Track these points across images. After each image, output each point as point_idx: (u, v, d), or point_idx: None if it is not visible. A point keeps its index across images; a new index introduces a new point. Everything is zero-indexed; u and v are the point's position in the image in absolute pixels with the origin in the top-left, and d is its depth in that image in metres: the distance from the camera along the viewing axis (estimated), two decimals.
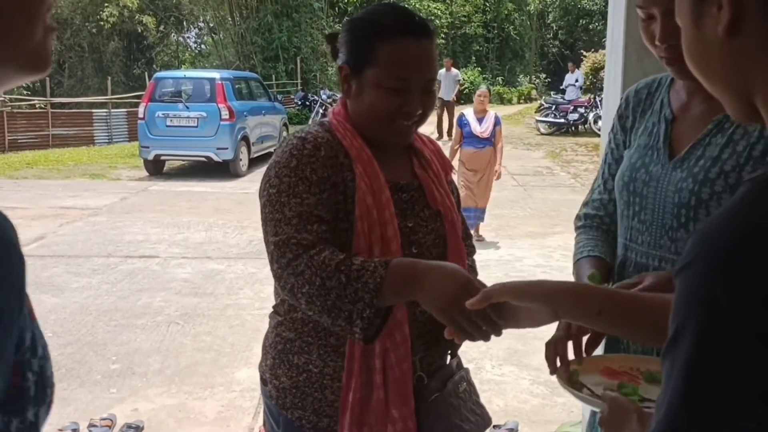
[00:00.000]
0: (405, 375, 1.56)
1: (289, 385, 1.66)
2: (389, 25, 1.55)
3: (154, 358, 4.91)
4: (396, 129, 1.58)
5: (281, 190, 1.51)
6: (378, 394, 1.56)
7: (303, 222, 1.47)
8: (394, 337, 1.55)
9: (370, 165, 1.56)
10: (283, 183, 1.52)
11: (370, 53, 1.55)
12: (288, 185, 1.51)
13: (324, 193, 1.51)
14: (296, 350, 1.64)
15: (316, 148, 1.54)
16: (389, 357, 1.55)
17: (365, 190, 1.53)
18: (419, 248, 1.61)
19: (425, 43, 1.56)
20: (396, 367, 1.55)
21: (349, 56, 1.59)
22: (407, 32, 1.54)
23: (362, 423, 1.57)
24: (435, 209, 1.65)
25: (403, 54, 1.54)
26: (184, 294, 6.29)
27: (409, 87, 1.54)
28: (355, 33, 1.60)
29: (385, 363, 1.56)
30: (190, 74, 15.96)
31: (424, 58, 1.56)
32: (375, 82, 1.55)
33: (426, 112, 1.60)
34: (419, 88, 1.56)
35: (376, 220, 1.53)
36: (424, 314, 1.60)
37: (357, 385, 1.57)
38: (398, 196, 1.61)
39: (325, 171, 1.52)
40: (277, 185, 1.52)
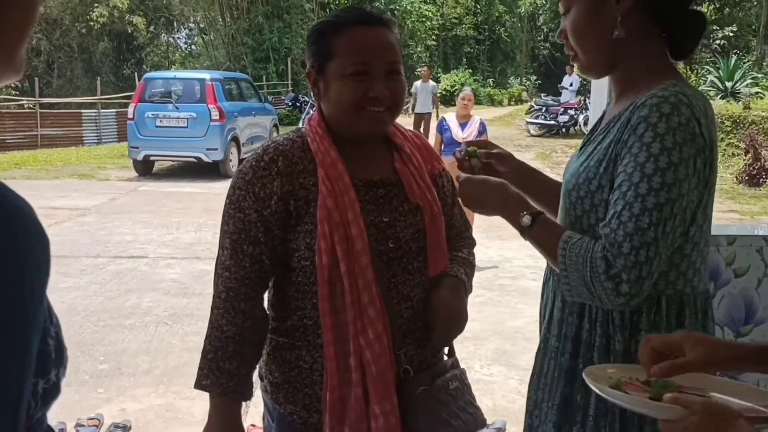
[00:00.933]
0: (384, 371, 1.57)
1: (282, 380, 1.69)
2: (341, 19, 1.62)
3: (142, 359, 4.89)
4: (367, 117, 1.59)
5: (232, 201, 1.62)
6: (356, 391, 1.57)
7: (237, 246, 1.61)
8: (367, 334, 1.56)
9: (333, 168, 1.59)
10: (234, 194, 1.62)
11: (328, 48, 1.60)
12: (237, 198, 1.61)
13: (268, 209, 1.58)
14: (288, 347, 1.68)
15: (273, 160, 1.60)
16: (364, 355, 1.57)
17: (326, 194, 1.56)
18: (397, 242, 1.62)
19: (379, 29, 1.61)
20: (373, 365, 1.56)
21: (311, 60, 1.65)
22: (359, 22, 1.60)
23: (343, 421, 1.59)
24: (414, 203, 1.66)
25: (357, 40, 1.58)
26: (173, 294, 6.27)
27: (370, 71, 1.57)
28: (314, 36, 1.65)
29: (362, 361, 1.57)
30: (180, 75, 15.93)
31: (381, 42, 1.60)
32: (337, 73, 1.58)
33: (395, 97, 1.60)
34: (381, 71, 1.58)
35: (338, 222, 1.56)
36: (410, 310, 1.63)
37: (334, 383, 1.58)
38: (373, 192, 1.64)
39: (276, 184, 1.58)
40: (230, 195, 1.63)
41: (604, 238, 1.35)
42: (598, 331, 1.47)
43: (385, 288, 1.59)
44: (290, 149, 1.62)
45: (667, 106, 1.34)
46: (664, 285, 1.43)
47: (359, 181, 1.62)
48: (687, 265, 1.44)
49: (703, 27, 1.47)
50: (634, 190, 1.34)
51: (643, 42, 1.46)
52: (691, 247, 1.43)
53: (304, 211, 1.59)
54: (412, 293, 1.63)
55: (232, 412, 1.65)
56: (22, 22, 0.80)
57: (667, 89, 1.37)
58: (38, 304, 0.72)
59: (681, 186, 1.33)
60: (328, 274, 1.56)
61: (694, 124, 1.34)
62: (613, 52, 1.48)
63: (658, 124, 1.33)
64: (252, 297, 1.63)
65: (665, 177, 1.33)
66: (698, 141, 1.35)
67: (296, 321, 1.65)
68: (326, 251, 1.56)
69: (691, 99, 1.36)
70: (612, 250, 1.34)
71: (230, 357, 1.61)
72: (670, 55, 1.49)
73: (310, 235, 1.58)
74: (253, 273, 1.62)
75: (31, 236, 0.71)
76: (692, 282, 1.45)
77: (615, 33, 1.45)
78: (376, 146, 1.70)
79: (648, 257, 1.33)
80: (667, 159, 1.33)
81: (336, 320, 1.57)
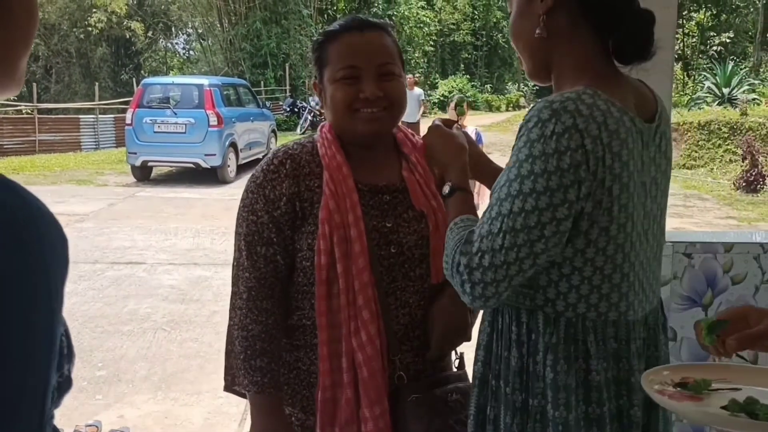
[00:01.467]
0: (375, 374, 1.58)
1: (282, 382, 1.70)
2: (337, 27, 1.67)
3: (140, 365, 4.89)
4: (362, 118, 1.61)
5: (245, 205, 1.67)
6: (346, 393, 1.59)
7: (252, 248, 1.64)
8: (359, 336, 1.58)
9: (337, 171, 1.62)
10: (247, 198, 1.67)
11: (324, 56, 1.65)
12: (250, 201, 1.66)
13: (278, 210, 1.62)
14: (287, 348, 1.70)
15: (282, 163, 1.64)
16: (356, 357, 1.58)
17: (329, 195, 1.60)
18: (399, 248, 1.63)
19: (372, 34, 1.64)
20: (364, 367, 1.57)
21: (314, 70, 1.71)
22: (352, 29, 1.64)
23: (333, 422, 1.61)
24: (419, 210, 1.67)
25: (348, 45, 1.62)
26: (171, 300, 6.27)
27: (360, 74, 1.60)
28: (314, 47, 1.71)
29: (354, 362, 1.58)
30: (178, 80, 15.96)
31: (372, 45, 1.62)
32: (330, 78, 1.62)
33: (391, 97, 1.62)
34: (373, 73, 1.60)
35: (339, 223, 1.59)
36: (408, 317, 1.63)
37: (326, 384, 1.60)
38: (378, 197, 1.66)
39: (284, 186, 1.62)
40: (243, 199, 1.68)
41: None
42: (502, 343, 1.42)
43: (383, 292, 1.60)
44: (299, 153, 1.67)
45: (547, 111, 1.25)
46: (564, 306, 1.35)
47: (364, 186, 1.64)
48: (589, 289, 1.34)
49: (650, 27, 1.34)
50: (497, 192, 1.31)
51: (571, 42, 1.37)
52: (592, 270, 1.32)
53: (309, 213, 1.62)
54: (411, 300, 1.64)
55: (274, 408, 1.67)
56: (24, 34, 0.81)
57: (564, 94, 1.27)
58: (61, 301, 0.75)
59: (539, 198, 1.25)
60: (326, 274, 1.58)
61: (575, 134, 1.23)
62: (541, 53, 1.41)
63: (533, 129, 1.26)
64: (271, 295, 1.66)
65: (523, 185, 1.26)
66: (575, 154, 1.23)
67: (295, 321, 1.67)
68: (325, 251, 1.58)
69: (581, 107, 1.25)
70: (465, 247, 1.33)
71: (260, 355, 1.64)
72: (616, 59, 1.37)
73: (311, 235, 1.61)
74: (268, 273, 1.64)
75: (54, 235, 0.73)
76: (597, 307, 1.35)
77: (536, 32, 1.38)
78: (384, 153, 1.72)
79: (492, 263, 1.28)
80: (529, 167, 1.25)
81: (331, 320, 1.59)
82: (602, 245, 1.32)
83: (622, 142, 1.28)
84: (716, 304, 2.48)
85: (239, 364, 1.66)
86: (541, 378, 1.36)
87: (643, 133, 1.35)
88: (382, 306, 1.60)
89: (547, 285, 1.36)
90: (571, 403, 1.34)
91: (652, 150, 1.38)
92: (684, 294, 2.47)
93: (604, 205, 1.29)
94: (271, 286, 1.65)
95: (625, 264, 1.35)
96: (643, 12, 1.36)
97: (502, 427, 1.41)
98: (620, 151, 1.28)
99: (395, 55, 1.65)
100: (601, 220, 1.30)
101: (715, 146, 15.68)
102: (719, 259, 2.47)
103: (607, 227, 1.30)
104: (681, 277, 2.46)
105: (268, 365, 1.65)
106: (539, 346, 1.36)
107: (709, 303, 2.47)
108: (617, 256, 1.33)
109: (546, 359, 1.35)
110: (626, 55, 1.37)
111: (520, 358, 1.39)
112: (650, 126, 1.38)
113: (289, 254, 1.65)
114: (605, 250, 1.32)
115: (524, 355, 1.38)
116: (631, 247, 1.35)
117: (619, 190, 1.29)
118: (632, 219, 1.33)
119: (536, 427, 1.37)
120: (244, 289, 1.66)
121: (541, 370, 1.36)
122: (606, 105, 1.27)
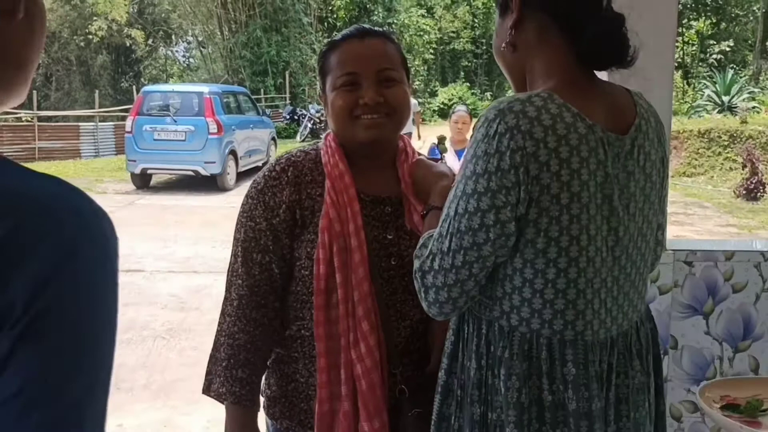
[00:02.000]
0: (374, 387, 1.55)
1: (279, 395, 1.69)
2: (339, 37, 1.67)
3: (139, 373, 4.88)
4: (362, 124, 1.59)
5: (244, 210, 1.66)
6: (344, 406, 1.56)
7: (247, 254, 1.64)
8: (359, 348, 1.55)
9: (339, 180, 1.60)
10: (247, 203, 1.66)
11: (325, 66, 1.65)
12: (249, 207, 1.65)
13: (277, 218, 1.61)
14: (286, 360, 1.68)
15: (284, 170, 1.64)
16: (355, 369, 1.55)
17: (329, 204, 1.58)
18: (399, 260, 1.61)
19: (371, 40, 1.63)
20: (363, 379, 1.54)
21: (319, 81, 1.71)
22: (352, 36, 1.64)
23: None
24: (409, 228, 1.63)
25: (347, 52, 1.62)
26: (171, 308, 6.25)
27: (360, 80, 1.59)
28: (318, 58, 1.72)
29: (353, 374, 1.55)
30: (178, 88, 15.97)
31: (371, 52, 1.61)
32: (331, 87, 1.62)
33: (391, 102, 1.60)
34: (372, 80, 1.59)
35: (339, 232, 1.57)
36: (409, 330, 1.61)
37: (324, 396, 1.57)
38: (380, 208, 1.64)
39: (285, 193, 1.61)
40: (243, 204, 1.67)
41: None
42: (465, 353, 1.39)
43: (383, 305, 1.58)
44: (302, 160, 1.66)
45: (493, 112, 1.24)
46: (518, 320, 1.30)
47: (367, 196, 1.63)
48: (541, 304, 1.28)
49: (618, 30, 1.31)
50: (450, 193, 1.31)
51: (541, 51, 1.35)
52: (543, 283, 1.27)
53: (309, 221, 1.61)
54: (412, 313, 1.61)
55: (249, 421, 1.66)
56: (40, 41, 0.82)
57: (515, 96, 1.26)
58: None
59: (480, 199, 1.23)
60: (324, 283, 1.56)
61: (516, 135, 1.20)
62: (516, 67, 1.40)
63: (480, 129, 1.25)
64: (263, 305, 1.64)
65: (467, 186, 1.25)
66: (515, 155, 1.20)
67: (294, 331, 1.65)
68: (324, 261, 1.56)
69: (528, 109, 1.22)
70: (419, 251, 1.35)
71: (243, 365, 1.63)
72: (587, 63, 1.34)
73: (311, 244, 1.59)
74: (262, 281, 1.63)
75: (114, 235, 0.74)
76: (551, 324, 1.29)
77: (502, 45, 1.39)
78: (387, 163, 1.70)
79: (441, 266, 1.28)
80: (472, 167, 1.24)
81: (329, 331, 1.57)
82: (552, 256, 1.26)
83: (572, 148, 1.23)
84: (717, 312, 2.48)
85: (220, 371, 1.65)
86: (499, 392, 1.32)
87: (610, 144, 1.29)
88: (382, 318, 1.57)
89: (502, 297, 1.32)
90: (523, 421, 1.29)
91: (628, 163, 1.33)
92: (685, 302, 2.46)
93: (551, 213, 1.23)
94: (263, 295, 1.63)
95: (580, 279, 1.28)
96: (611, 15, 1.33)
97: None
98: (569, 157, 1.22)
99: (397, 62, 1.64)
100: (550, 229, 1.24)
101: (715, 154, 15.69)
102: (720, 267, 2.46)
103: (556, 237, 1.25)
104: (682, 285, 2.45)
105: (249, 377, 1.63)
106: (495, 359, 1.33)
107: (710, 311, 2.47)
108: (570, 270, 1.27)
109: (500, 373, 1.31)
110: (597, 60, 1.33)
111: (479, 369, 1.35)
112: (622, 138, 1.31)
113: (286, 263, 1.63)
114: (557, 263, 1.26)
115: (483, 367, 1.34)
116: (588, 263, 1.28)
117: (568, 199, 1.23)
118: (587, 232, 1.26)
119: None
120: (236, 296, 1.65)
121: (499, 384, 1.32)
122: (558, 109, 1.23)
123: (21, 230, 0.66)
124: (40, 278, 0.65)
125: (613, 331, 1.35)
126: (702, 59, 28.77)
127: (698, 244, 2.68)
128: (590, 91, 1.34)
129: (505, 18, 1.40)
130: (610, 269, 1.32)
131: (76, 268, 0.68)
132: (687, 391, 2.50)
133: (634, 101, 1.39)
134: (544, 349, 1.30)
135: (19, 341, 0.64)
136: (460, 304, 1.31)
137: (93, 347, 0.69)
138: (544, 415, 1.30)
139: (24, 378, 0.64)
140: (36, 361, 0.65)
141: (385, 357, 1.58)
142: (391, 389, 1.59)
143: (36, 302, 0.64)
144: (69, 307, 0.67)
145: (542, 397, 1.30)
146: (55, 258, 0.66)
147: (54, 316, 0.65)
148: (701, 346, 2.49)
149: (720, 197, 13.51)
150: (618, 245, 1.33)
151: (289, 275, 1.64)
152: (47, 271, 0.65)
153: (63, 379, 0.66)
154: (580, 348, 1.30)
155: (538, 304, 1.29)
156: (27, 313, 0.64)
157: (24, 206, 0.67)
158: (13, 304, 0.64)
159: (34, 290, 0.64)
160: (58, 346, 0.66)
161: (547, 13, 1.34)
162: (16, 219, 0.66)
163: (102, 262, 0.71)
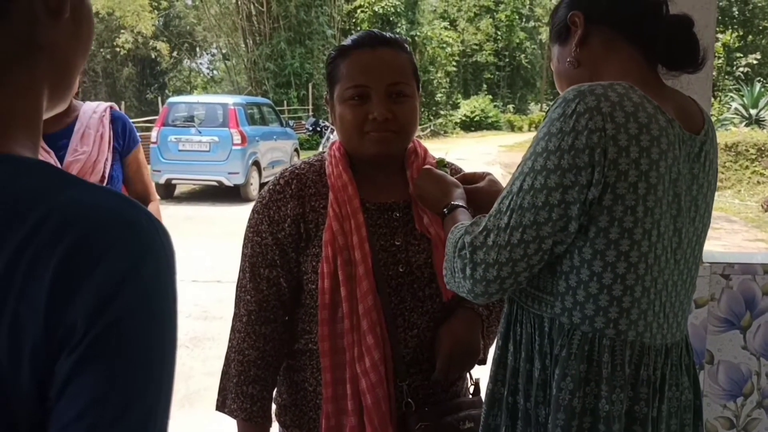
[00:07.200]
0: (379, 402, 1.51)
1: (290, 403, 1.67)
2: (349, 43, 1.61)
3: None
4: (371, 139, 1.55)
5: (250, 225, 1.64)
6: (350, 421, 1.52)
7: (255, 270, 1.62)
8: (363, 362, 1.51)
9: (342, 191, 1.57)
10: (253, 218, 1.64)
11: (335, 73, 1.59)
12: (255, 222, 1.63)
13: (282, 232, 1.58)
14: (295, 368, 1.66)
15: (287, 184, 1.61)
16: (360, 383, 1.51)
17: (332, 217, 1.55)
18: (407, 267, 1.57)
19: (384, 51, 1.57)
20: (369, 394, 1.51)
21: (326, 86, 1.65)
22: (364, 45, 1.58)
23: None
24: (421, 232, 1.60)
25: (358, 63, 1.56)
26: (194, 318, 6.26)
27: (369, 93, 1.54)
28: (327, 63, 1.65)
29: (358, 389, 1.52)
30: (203, 99, 16.08)
31: (382, 64, 1.56)
32: (339, 97, 1.57)
33: (400, 119, 1.55)
34: (382, 93, 1.54)
35: (342, 245, 1.53)
36: (416, 339, 1.57)
37: (330, 411, 1.54)
38: (387, 215, 1.60)
39: (289, 207, 1.59)
40: (249, 219, 1.65)
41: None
42: (521, 355, 1.33)
43: (391, 315, 1.54)
44: (306, 173, 1.63)
45: (573, 92, 1.20)
46: (580, 317, 1.24)
47: (372, 205, 1.59)
48: (608, 300, 1.22)
49: (688, 31, 1.29)
50: (516, 170, 1.25)
51: (609, 59, 1.32)
52: (612, 278, 1.21)
53: (314, 234, 1.58)
54: (420, 321, 1.57)
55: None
56: (86, 47, 0.81)
57: (598, 82, 1.23)
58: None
59: (549, 176, 1.18)
60: (329, 297, 1.53)
61: (596, 116, 1.16)
62: (579, 79, 1.33)
63: (556, 109, 1.21)
64: (272, 320, 1.61)
65: (536, 163, 1.20)
66: (593, 135, 1.16)
67: (302, 345, 1.63)
68: (328, 275, 1.53)
69: (610, 93, 1.18)
70: (471, 227, 1.27)
71: (253, 381, 1.61)
72: (663, 65, 1.33)
73: (316, 258, 1.56)
74: (270, 296, 1.60)
75: (172, 249, 0.72)
76: (617, 324, 1.23)
77: (567, 61, 1.36)
78: (394, 169, 1.66)
79: (495, 242, 1.21)
80: (544, 144, 1.20)
81: (334, 346, 1.54)
82: (624, 249, 1.20)
83: (653, 138, 1.18)
84: (755, 326, 2.42)
85: (231, 387, 1.62)
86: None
87: (684, 142, 1.25)
88: (389, 329, 1.53)
89: (564, 292, 1.25)
90: (572, 428, 1.23)
91: (695, 166, 1.29)
92: (721, 316, 2.40)
93: (627, 202, 1.18)
94: (272, 309, 1.61)
95: (646, 277, 1.22)
96: (678, 17, 1.31)
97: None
98: (650, 147, 1.18)
99: (408, 74, 1.58)
100: (625, 219, 1.18)
101: (743, 168, 15.50)
102: (758, 281, 2.40)
103: (630, 229, 1.19)
104: (719, 299, 2.39)
105: (260, 393, 1.61)
106: (559, 358, 1.26)
107: (747, 325, 2.41)
108: (640, 265, 1.21)
109: (554, 373, 1.25)
110: (672, 61, 1.31)
111: (543, 369, 1.29)
112: (694, 137, 1.28)
113: (294, 277, 1.61)
114: (628, 256, 1.20)
115: (548, 367, 1.28)
116: (655, 260, 1.23)
117: (645, 190, 1.18)
118: (658, 228, 1.21)
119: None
120: (245, 312, 1.62)
121: (553, 384, 1.26)
122: (640, 99, 1.20)
123: (90, 239, 0.65)
124: (104, 291, 0.63)
125: (668, 339, 1.30)
126: (728, 72, 28.54)
127: (736, 257, 2.61)
128: (662, 92, 1.31)
129: (565, 43, 1.38)
130: (672, 272, 1.28)
131: (141, 280, 0.66)
132: (723, 407, 2.44)
133: (700, 108, 1.37)
134: (606, 351, 1.24)
135: (81, 362, 0.62)
136: (507, 285, 1.24)
137: (156, 366, 0.67)
138: (598, 428, 1.24)
139: (85, 401, 0.62)
140: (98, 382, 0.63)
141: (391, 370, 1.54)
142: (398, 401, 1.55)
143: (100, 318, 0.63)
144: (134, 322, 0.65)
145: (598, 407, 1.23)
146: (121, 268, 0.65)
147: (119, 331, 0.64)
148: (738, 361, 2.43)
149: (747, 211, 13.33)
150: (680, 248, 1.29)
151: (299, 288, 1.62)
152: (113, 283, 0.64)
153: (126, 401, 0.64)
154: (637, 350, 1.25)
155: (604, 301, 1.23)
156: (89, 332, 0.62)
157: (91, 217, 0.66)
158: (74, 327, 0.62)
159: (98, 304, 0.63)
160: (122, 366, 0.64)
161: (612, 26, 1.32)
162: (84, 228, 0.65)
163: (163, 275, 0.69)
